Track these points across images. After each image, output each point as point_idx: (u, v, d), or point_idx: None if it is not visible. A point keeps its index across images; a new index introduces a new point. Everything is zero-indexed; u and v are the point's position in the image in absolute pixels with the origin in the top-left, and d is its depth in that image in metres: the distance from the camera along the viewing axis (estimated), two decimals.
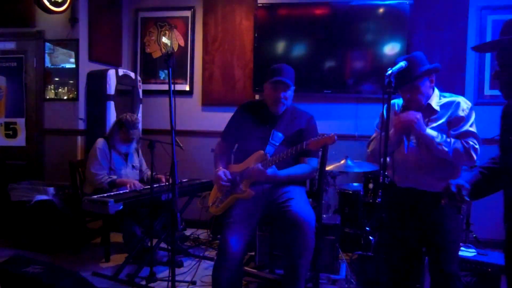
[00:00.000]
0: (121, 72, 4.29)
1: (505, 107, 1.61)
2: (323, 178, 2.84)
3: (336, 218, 3.32)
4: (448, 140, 2.08)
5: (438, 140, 2.08)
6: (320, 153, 2.75)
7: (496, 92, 4.01)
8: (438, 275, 2.15)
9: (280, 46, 4.42)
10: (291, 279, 2.43)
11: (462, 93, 4.11)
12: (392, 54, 4.11)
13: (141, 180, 3.73)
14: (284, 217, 2.45)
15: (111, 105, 4.14)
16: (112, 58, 4.64)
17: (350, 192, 3.52)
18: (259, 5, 4.45)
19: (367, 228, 3.29)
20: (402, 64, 2.01)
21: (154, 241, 3.28)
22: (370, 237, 3.19)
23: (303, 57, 4.35)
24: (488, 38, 4.07)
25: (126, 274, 3.21)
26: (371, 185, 3.41)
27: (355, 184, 3.77)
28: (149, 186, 3.15)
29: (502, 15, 4.04)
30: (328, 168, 3.29)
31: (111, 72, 4.16)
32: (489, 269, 2.65)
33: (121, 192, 3.30)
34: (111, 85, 4.14)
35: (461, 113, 2.14)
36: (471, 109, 2.16)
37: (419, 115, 2.11)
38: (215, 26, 4.65)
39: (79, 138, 4.20)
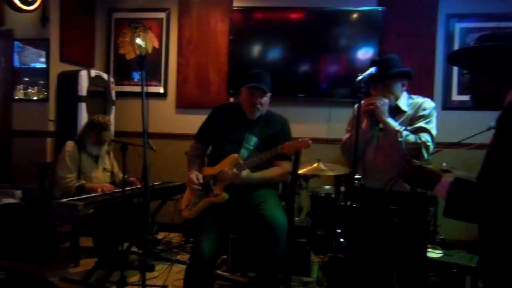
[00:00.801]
0: (93, 73, 4.22)
1: None
2: (295, 181, 2.87)
3: (308, 221, 3.36)
4: (404, 132, 2.13)
5: (396, 128, 2.12)
6: (293, 156, 2.78)
7: (463, 98, 4.15)
8: (404, 276, 2.20)
9: (255, 50, 4.44)
10: (262, 281, 2.45)
11: (430, 99, 4.21)
12: (364, 59, 4.19)
13: (112, 183, 3.67)
14: (256, 220, 2.47)
15: (83, 106, 4.06)
16: (84, 59, 4.56)
17: (323, 195, 3.56)
18: (234, 8, 4.47)
19: (339, 231, 3.33)
20: (372, 70, 2.06)
21: (126, 245, 3.24)
22: (342, 240, 3.23)
23: (278, 61, 4.39)
24: (456, 46, 4.21)
25: (96, 279, 3.15)
26: (342, 188, 3.45)
27: (327, 187, 3.81)
28: (120, 189, 3.11)
29: (469, 23, 4.18)
30: (301, 171, 3.32)
31: (83, 73, 4.09)
32: (455, 270, 2.73)
33: (91, 195, 3.24)
34: (83, 86, 4.07)
35: (421, 112, 2.21)
36: (433, 109, 2.22)
37: (383, 101, 2.16)
38: (190, 28, 4.63)
39: (48, 140, 4.11)
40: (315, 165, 3.44)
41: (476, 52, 1.50)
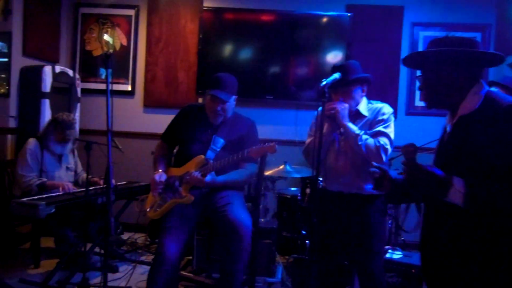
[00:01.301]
0: (58, 69, 4.11)
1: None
2: (261, 183, 2.89)
3: (273, 222, 3.39)
4: (364, 136, 2.21)
5: (356, 132, 2.20)
6: (259, 158, 2.80)
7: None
8: (363, 276, 2.27)
9: (225, 50, 4.45)
10: (227, 282, 2.46)
11: (395, 104, 4.36)
12: (332, 63, 4.25)
13: (75, 183, 3.59)
14: (221, 222, 2.48)
15: (46, 103, 3.95)
16: (48, 54, 4.43)
17: (288, 196, 3.61)
18: (204, 8, 4.46)
19: (303, 232, 3.39)
20: (336, 76, 2.12)
21: (89, 246, 3.17)
22: (306, 241, 3.29)
23: (247, 62, 4.41)
24: None
25: (57, 280, 3.08)
26: (308, 190, 3.51)
27: (293, 188, 3.86)
28: (84, 189, 3.05)
29: (432, 31, 4.33)
30: (267, 173, 3.36)
31: (47, 69, 3.97)
32: (413, 270, 2.83)
33: (53, 194, 3.16)
34: (47, 82, 3.95)
35: (380, 117, 2.29)
36: (391, 114, 2.32)
37: (344, 106, 2.24)
38: (160, 27, 4.59)
39: (9, 136, 3.96)
40: (281, 167, 3.49)
41: (426, 56, 1.59)
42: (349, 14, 4.31)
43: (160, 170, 2.68)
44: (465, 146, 1.45)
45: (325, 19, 4.36)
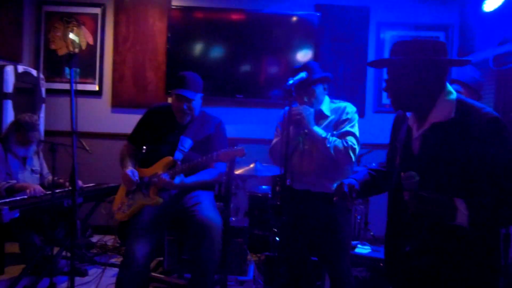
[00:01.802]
0: (20, 68, 3.99)
1: (395, 117, 1.77)
2: (230, 182, 2.90)
3: (244, 221, 3.40)
4: (331, 138, 2.24)
5: (323, 136, 2.24)
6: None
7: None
8: (331, 271, 2.32)
9: (194, 50, 4.42)
10: (198, 282, 2.45)
11: (363, 102, 4.44)
12: (302, 62, 4.30)
13: (42, 185, 3.49)
14: (191, 221, 2.47)
15: (9, 104, 3.82)
16: (10, 53, 4.28)
17: (260, 195, 3.63)
18: (173, 7, 4.42)
19: (275, 230, 3.41)
20: (302, 75, 2.14)
21: (56, 250, 3.10)
22: (277, 238, 3.31)
23: (217, 61, 4.40)
24: (386, 52, 4.45)
25: (23, 286, 2.99)
26: (278, 188, 3.53)
27: (264, 187, 3.88)
28: (50, 192, 2.97)
29: (398, 31, 4.44)
30: (237, 172, 3.35)
31: (9, 68, 3.84)
32: (381, 264, 2.89)
33: (17, 198, 3.06)
34: (9, 82, 3.83)
35: (345, 116, 2.33)
36: (354, 113, 2.36)
37: (309, 111, 2.26)
38: (127, 25, 4.51)
39: None
40: (251, 165, 3.49)
41: (390, 63, 1.60)
42: (318, 14, 4.36)
43: (130, 167, 2.63)
44: (446, 157, 1.45)
45: (294, 19, 4.40)
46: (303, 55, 4.38)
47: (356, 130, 2.30)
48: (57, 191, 3.06)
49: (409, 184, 1.38)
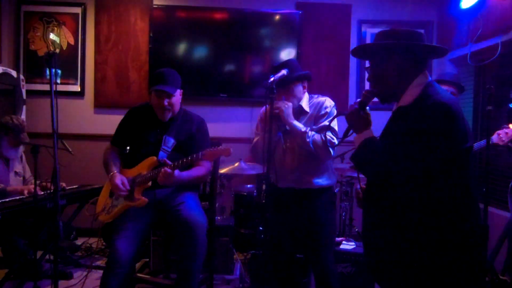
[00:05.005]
0: (0, 69, 3.92)
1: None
2: (215, 182, 2.90)
3: (229, 220, 3.41)
4: (310, 133, 2.26)
5: (302, 130, 2.26)
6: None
7: (375, 98, 4.44)
8: (316, 266, 2.34)
9: (177, 49, 4.40)
10: (185, 282, 2.45)
11: (346, 99, 4.48)
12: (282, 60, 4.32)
13: None
14: (176, 221, 2.47)
15: None
16: None
17: (245, 193, 3.64)
18: (154, 6, 4.39)
19: (260, 228, 3.42)
20: (284, 72, 2.16)
21: (40, 253, 3.06)
22: (262, 236, 3.33)
23: (200, 61, 4.38)
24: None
25: None
26: (264, 186, 3.55)
27: (249, 185, 3.89)
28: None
29: (379, 29, 4.43)
30: (222, 170, 3.36)
31: None
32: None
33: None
34: None
35: (323, 111, 2.36)
36: (333, 107, 2.39)
37: (287, 105, 2.28)
38: (108, 25, 4.47)
39: None
40: (236, 164, 3.50)
41: (373, 49, 1.66)
42: (299, 12, 4.38)
43: (115, 172, 2.60)
44: (392, 135, 1.56)
45: (276, 17, 4.41)
46: (286, 53, 4.40)
47: (334, 124, 2.31)
48: (40, 193, 3.02)
49: (364, 97, 1.67)
